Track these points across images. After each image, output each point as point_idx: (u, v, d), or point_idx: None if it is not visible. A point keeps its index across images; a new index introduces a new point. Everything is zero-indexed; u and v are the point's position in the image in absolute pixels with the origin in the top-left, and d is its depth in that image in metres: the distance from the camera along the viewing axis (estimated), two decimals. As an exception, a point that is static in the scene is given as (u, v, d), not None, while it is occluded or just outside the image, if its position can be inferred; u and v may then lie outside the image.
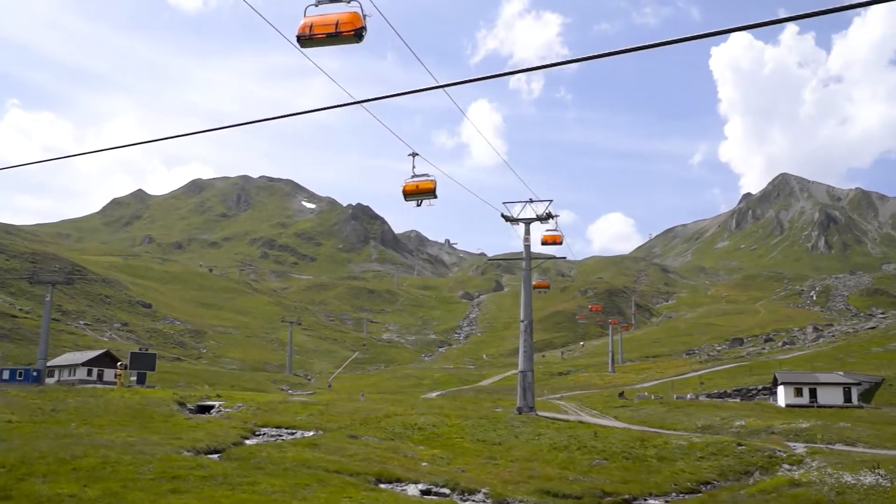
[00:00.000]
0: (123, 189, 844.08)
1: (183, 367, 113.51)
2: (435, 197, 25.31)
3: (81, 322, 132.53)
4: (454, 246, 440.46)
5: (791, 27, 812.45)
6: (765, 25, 11.19)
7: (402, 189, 25.15)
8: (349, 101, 15.36)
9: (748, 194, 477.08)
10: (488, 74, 12.92)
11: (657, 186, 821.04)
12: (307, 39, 13.06)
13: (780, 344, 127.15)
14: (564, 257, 52.02)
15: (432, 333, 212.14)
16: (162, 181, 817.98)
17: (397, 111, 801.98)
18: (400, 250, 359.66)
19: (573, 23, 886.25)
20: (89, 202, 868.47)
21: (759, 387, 70.67)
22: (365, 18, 12.82)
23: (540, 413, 46.77)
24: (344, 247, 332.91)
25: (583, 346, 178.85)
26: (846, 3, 9.99)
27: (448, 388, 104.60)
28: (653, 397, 68.05)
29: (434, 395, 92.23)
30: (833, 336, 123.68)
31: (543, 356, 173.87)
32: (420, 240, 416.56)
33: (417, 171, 25.79)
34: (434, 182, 25.05)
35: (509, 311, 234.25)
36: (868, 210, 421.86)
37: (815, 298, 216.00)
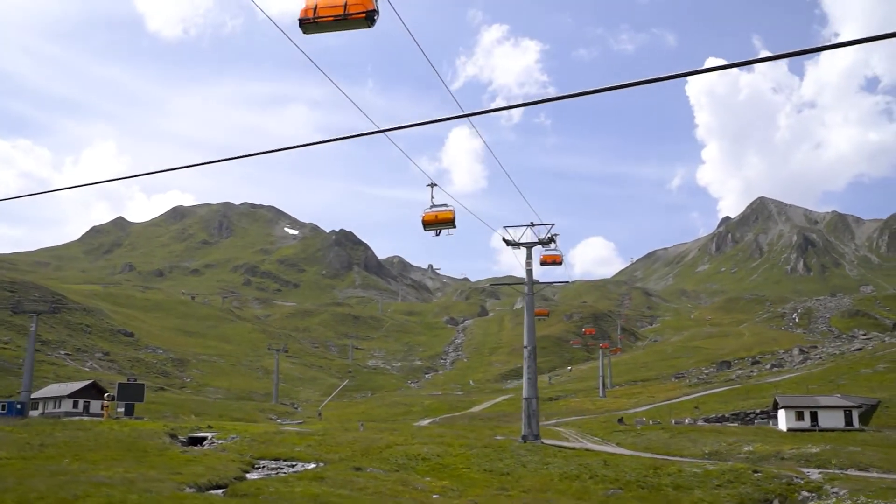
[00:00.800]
0: (102, 217, 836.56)
1: (167, 397, 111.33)
2: (454, 227, 25.06)
3: (62, 352, 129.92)
4: (437, 271, 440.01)
5: (764, 53, 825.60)
6: (747, 64, 10.80)
7: (421, 219, 24.86)
8: (374, 130, 14.75)
9: (727, 218, 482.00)
10: (516, 104, 12.46)
11: (637, 210, 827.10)
12: (311, 24, 11.60)
13: (768, 366, 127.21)
14: (567, 282, 51.52)
15: (418, 359, 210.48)
16: (142, 209, 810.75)
17: (377, 139, 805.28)
18: (384, 276, 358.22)
19: (551, 49, 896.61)
20: (68, 230, 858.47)
21: (757, 410, 70.15)
22: (376, 1, 11.49)
23: (545, 441, 45.91)
24: (327, 273, 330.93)
25: (570, 370, 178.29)
26: (814, 45, 9.65)
27: (440, 415, 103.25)
28: (651, 423, 67.34)
29: (426, 422, 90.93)
30: (821, 358, 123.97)
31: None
32: (403, 265, 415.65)
33: (432, 202, 25.48)
34: (453, 212, 24.83)
35: (495, 337, 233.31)
36: (844, 233, 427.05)
37: (797, 321, 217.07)
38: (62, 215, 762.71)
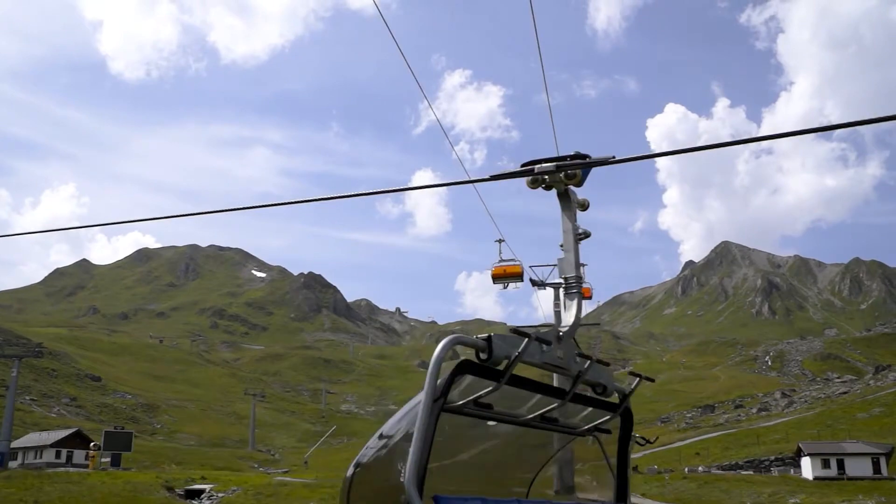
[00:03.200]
0: (62, 259, 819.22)
1: (142, 445, 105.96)
2: (521, 281, 26.15)
3: (27, 397, 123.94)
4: (405, 314, 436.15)
5: (723, 100, 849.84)
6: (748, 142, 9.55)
7: (490, 273, 25.87)
8: (397, 188, 13.12)
9: (691, 262, 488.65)
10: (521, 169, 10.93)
11: (599, 254, 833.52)
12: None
13: (753, 410, 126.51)
14: (598, 324, 49.86)
15: (392, 404, 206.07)
16: (103, 250, 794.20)
17: (342, 182, 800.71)
18: (352, 319, 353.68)
19: (513, 94, 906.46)
20: (28, 272, 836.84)
21: (772, 457, 68.53)
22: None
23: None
24: (296, 316, 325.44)
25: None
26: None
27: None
28: (664, 471, 65.32)
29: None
30: (806, 402, 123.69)
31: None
32: (371, 308, 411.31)
33: (500, 257, 26.91)
34: (521, 266, 25.84)
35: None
36: (807, 276, 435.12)
37: (770, 363, 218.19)
38: (21, 257, 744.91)
